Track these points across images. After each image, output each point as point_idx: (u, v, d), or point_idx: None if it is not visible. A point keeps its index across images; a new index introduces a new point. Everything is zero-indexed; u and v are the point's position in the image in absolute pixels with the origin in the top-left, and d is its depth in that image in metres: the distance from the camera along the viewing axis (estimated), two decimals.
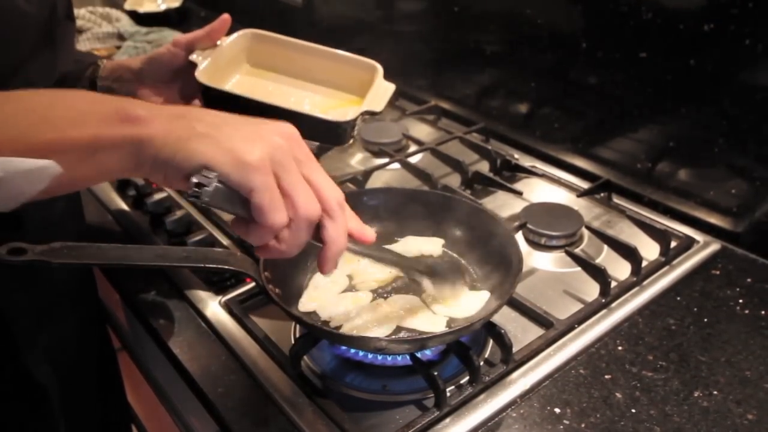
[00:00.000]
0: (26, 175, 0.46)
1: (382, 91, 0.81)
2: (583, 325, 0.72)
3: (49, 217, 0.71)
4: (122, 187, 1.00)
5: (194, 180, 0.47)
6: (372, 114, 0.78)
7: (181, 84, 0.80)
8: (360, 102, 0.81)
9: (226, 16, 0.79)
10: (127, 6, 1.67)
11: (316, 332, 0.65)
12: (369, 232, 0.58)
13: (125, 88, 0.80)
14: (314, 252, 0.76)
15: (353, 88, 0.86)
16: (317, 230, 0.52)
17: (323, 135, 0.76)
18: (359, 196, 0.82)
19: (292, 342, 0.69)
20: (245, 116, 0.52)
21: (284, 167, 0.49)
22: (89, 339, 0.87)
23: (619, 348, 0.70)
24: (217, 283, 0.79)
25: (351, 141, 0.78)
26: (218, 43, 0.80)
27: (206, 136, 0.47)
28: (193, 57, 0.77)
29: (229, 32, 0.81)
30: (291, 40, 0.87)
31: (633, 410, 0.62)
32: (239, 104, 0.70)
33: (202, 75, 0.75)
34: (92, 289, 0.87)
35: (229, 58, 0.82)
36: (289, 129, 0.51)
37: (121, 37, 1.56)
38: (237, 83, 0.85)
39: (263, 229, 0.49)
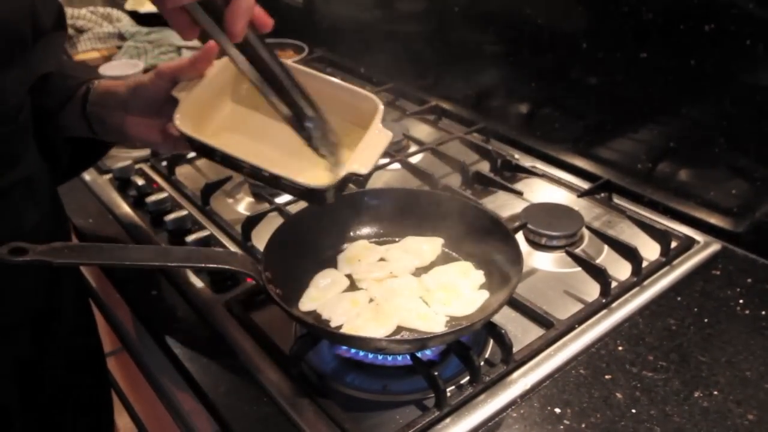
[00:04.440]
0: None
1: (374, 142, 0.68)
2: (584, 326, 0.72)
3: (19, 228, 0.66)
4: (123, 187, 1.00)
5: None
6: (358, 176, 0.67)
7: (170, 114, 0.69)
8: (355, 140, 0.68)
9: (211, 44, 0.68)
10: (128, 6, 1.67)
11: (317, 332, 0.65)
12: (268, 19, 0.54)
13: (112, 115, 0.74)
14: (314, 253, 0.78)
15: (351, 120, 0.72)
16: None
17: (305, 197, 0.70)
18: (359, 196, 0.82)
19: (292, 342, 0.69)
20: None
21: None
22: (56, 359, 0.79)
23: (620, 348, 0.70)
24: (217, 282, 0.79)
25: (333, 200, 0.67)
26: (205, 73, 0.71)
27: None
28: (176, 92, 0.70)
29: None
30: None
31: (633, 410, 0.62)
32: (220, 156, 0.66)
33: (182, 122, 0.67)
34: (56, 309, 0.78)
35: (214, 92, 0.73)
36: None
37: (122, 37, 1.56)
38: (221, 126, 0.74)
39: None
